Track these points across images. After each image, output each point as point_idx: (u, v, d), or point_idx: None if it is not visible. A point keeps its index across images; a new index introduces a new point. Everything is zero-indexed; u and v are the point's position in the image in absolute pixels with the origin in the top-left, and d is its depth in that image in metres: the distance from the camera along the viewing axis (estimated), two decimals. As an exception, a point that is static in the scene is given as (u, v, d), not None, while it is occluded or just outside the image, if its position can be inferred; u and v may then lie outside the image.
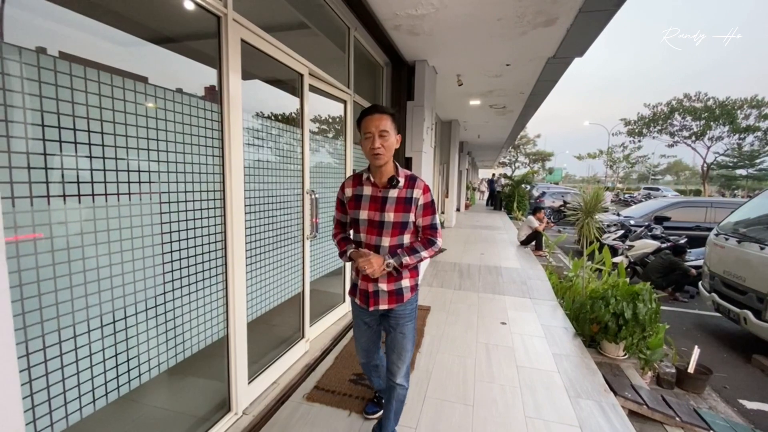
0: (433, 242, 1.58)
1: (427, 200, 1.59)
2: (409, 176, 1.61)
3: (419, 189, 1.57)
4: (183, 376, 1.96)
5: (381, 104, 1.60)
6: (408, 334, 1.71)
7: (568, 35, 3.60)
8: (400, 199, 1.57)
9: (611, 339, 3.05)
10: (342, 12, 3.14)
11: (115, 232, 1.35)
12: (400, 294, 1.66)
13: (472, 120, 9.46)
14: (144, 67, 1.61)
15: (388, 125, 1.52)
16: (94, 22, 1.42)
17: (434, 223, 1.59)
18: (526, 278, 5.11)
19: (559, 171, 51.70)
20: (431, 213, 1.59)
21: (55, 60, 1.16)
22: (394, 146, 1.57)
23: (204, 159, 1.76)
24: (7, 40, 1.05)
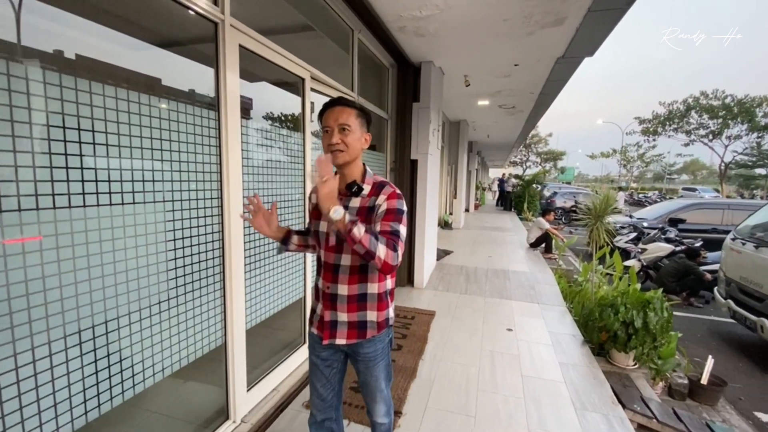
0: (395, 248, 1.18)
1: (392, 206, 1.25)
2: (377, 183, 1.32)
3: (384, 195, 1.27)
4: (181, 383, 1.96)
5: (346, 97, 1.34)
6: (380, 375, 1.42)
7: (577, 35, 3.50)
8: (363, 209, 1.29)
9: (620, 348, 2.96)
10: (345, 15, 3.11)
11: (109, 238, 1.34)
12: (363, 328, 1.35)
13: (481, 120, 9.35)
14: (152, 70, 1.62)
15: (352, 120, 1.26)
16: (101, 27, 1.44)
17: (397, 230, 1.22)
18: (534, 282, 5.02)
19: (571, 170, 50.95)
20: (393, 219, 1.23)
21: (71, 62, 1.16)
22: (360, 146, 1.30)
23: (201, 163, 1.74)
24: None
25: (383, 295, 1.37)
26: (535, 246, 7.21)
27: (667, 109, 24.56)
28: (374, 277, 1.33)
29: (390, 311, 1.41)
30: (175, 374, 1.68)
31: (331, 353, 1.43)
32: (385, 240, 1.18)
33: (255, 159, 2.13)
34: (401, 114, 4.52)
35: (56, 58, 1.33)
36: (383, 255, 1.15)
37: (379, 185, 1.31)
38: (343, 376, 1.51)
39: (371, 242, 1.14)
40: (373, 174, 1.36)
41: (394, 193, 1.29)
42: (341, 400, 1.56)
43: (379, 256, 1.15)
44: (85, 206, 1.26)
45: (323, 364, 1.44)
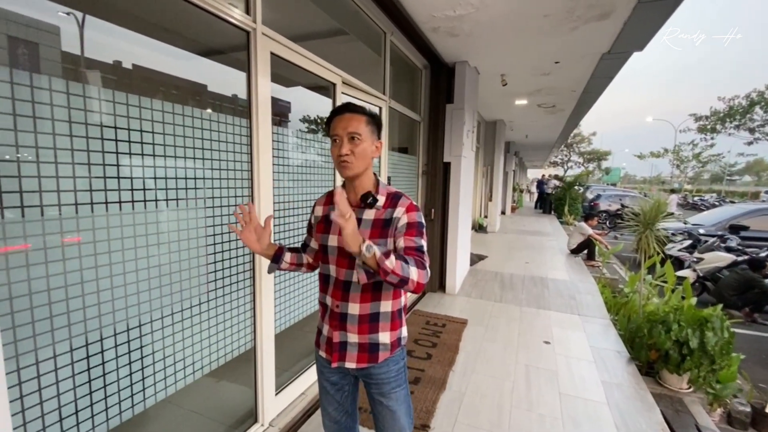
0: (423, 265, 1.11)
1: (413, 219, 1.17)
2: (392, 194, 1.24)
3: (402, 207, 1.19)
4: (212, 385, 2.00)
5: (354, 104, 1.22)
6: (399, 408, 1.28)
7: (625, 29, 3.26)
8: (378, 221, 1.20)
9: (673, 369, 2.71)
10: (377, 17, 3.08)
11: (143, 244, 1.38)
12: (375, 351, 1.24)
13: (519, 120, 9.03)
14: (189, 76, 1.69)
15: (362, 128, 1.17)
16: (141, 37, 1.51)
17: (420, 245, 1.15)
18: (575, 292, 4.74)
19: (617, 171, 48.12)
20: (416, 233, 1.16)
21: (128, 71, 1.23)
22: (371, 155, 1.21)
23: (233, 170, 1.77)
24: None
25: (397, 313, 1.28)
26: (577, 252, 6.83)
27: (728, 104, 22.51)
28: (388, 294, 1.24)
29: (403, 330, 1.30)
30: (206, 376, 1.71)
31: (342, 377, 1.34)
32: (413, 260, 1.10)
33: (286, 163, 2.14)
34: (434, 116, 4.43)
35: (112, 67, 1.41)
36: (416, 277, 1.07)
37: (394, 196, 1.23)
38: (356, 396, 1.41)
39: (404, 269, 1.05)
40: (386, 184, 1.28)
41: (412, 205, 1.20)
42: (357, 420, 1.46)
43: (412, 279, 1.06)
44: (121, 210, 1.30)
45: (333, 389, 1.35)
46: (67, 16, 1.30)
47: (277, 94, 2.07)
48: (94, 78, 1.41)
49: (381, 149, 1.26)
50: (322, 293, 1.33)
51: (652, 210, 3.39)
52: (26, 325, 1.07)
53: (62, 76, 1.16)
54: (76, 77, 1.20)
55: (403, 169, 4.12)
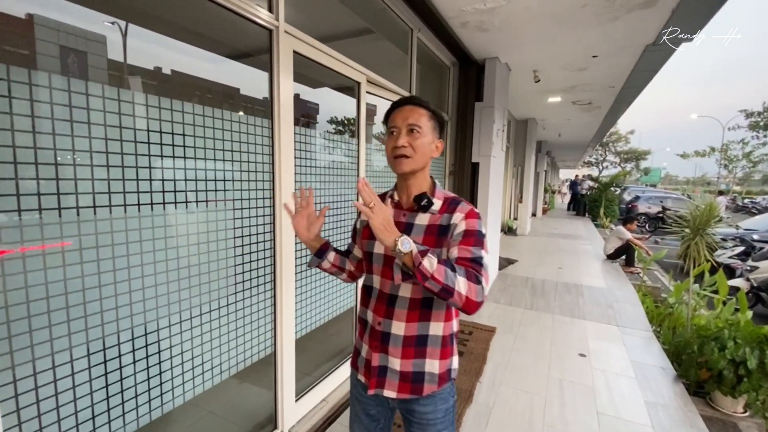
0: (478, 279, 0.92)
1: (472, 227, 1.00)
2: (450, 198, 1.08)
3: (461, 213, 1.03)
4: (233, 390, 1.98)
5: (418, 97, 1.11)
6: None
7: (673, 17, 3.01)
8: (433, 228, 1.04)
9: (727, 391, 2.45)
10: (404, 13, 2.99)
11: (161, 243, 1.36)
12: (419, 381, 1.05)
13: (552, 118, 8.66)
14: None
15: (423, 121, 1.05)
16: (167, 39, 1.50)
17: (479, 256, 0.97)
18: (612, 300, 4.45)
19: (657, 171, 45.58)
20: (474, 243, 0.98)
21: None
22: (430, 153, 1.08)
23: (254, 171, 1.74)
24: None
25: (449, 338, 1.09)
26: (614, 258, 6.45)
27: (785, 99, 20.77)
28: (440, 314, 1.06)
29: (454, 360, 1.11)
30: (226, 380, 1.69)
31: (379, 408, 1.16)
32: (464, 270, 0.92)
33: (309, 164, 2.09)
34: (462, 114, 4.29)
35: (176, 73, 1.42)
36: (464, 290, 0.89)
37: (452, 201, 1.07)
38: (390, 430, 1.24)
39: (447, 276, 0.88)
40: (443, 188, 1.14)
41: (472, 211, 1.04)
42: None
43: (459, 291, 0.89)
44: (139, 212, 1.28)
45: (368, 419, 1.18)
46: (112, 25, 1.34)
47: (303, 95, 2.05)
48: (133, 82, 1.41)
49: (441, 149, 1.11)
50: (362, 307, 1.17)
51: (704, 214, 3.10)
52: (38, 328, 1.06)
53: (103, 80, 1.15)
54: (108, 81, 1.19)
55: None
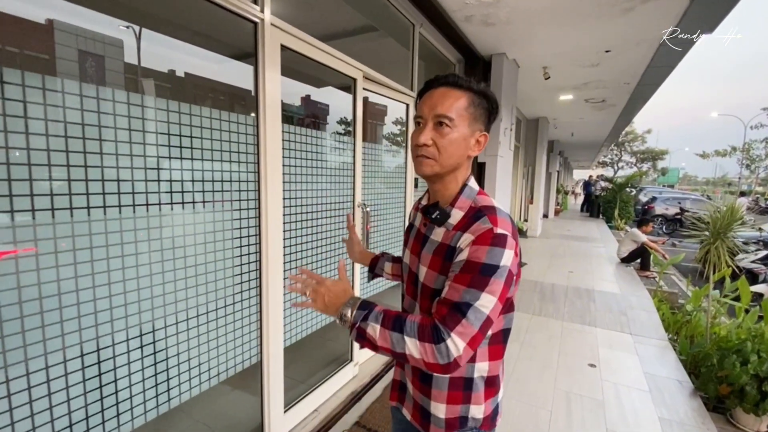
0: (439, 337, 0.72)
1: (475, 258, 0.75)
2: (475, 209, 0.83)
3: (472, 234, 0.78)
4: (216, 401, 1.90)
5: (457, 75, 0.85)
6: None
7: (692, 6, 2.82)
8: (442, 248, 0.84)
9: (749, 408, 2.27)
10: (405, 8, 2.87)
11: (142, 246, 1.28)
12: (426, 418, 0.92)
13: (564, 117, 8.42)
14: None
15: (458, 109, 0.82)
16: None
17: (466, 302, 0.73)
18: (626, 307, 4.25)
19: (675, 171, 44.38)
20: (468, 283, 0.74)
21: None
22: (465, 151, 0.85)
23: (236, 169, 1.65)
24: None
25: (460, 381, 0.87)
26: (628, 261, 6.21)
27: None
28: None
29: (472, 409, 0.88)
30: (211, 390, 1.61)
31: (409, 426, 0.99)
32: (415, 327, 0.75)
33: (299, 163, 1.99)
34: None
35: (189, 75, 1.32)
36: (417, 354, 0.73)
37: (475, 214, 0.82)
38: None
39: (392, 341, 0.75)
40: (477, 191, 0.88)
41: (488, 233, 0.76)
42: None
43: (412, 356, 0.73)
44: (120, 215, 1.20)
45: (398, 427, 1.07)
46: (126, 29, 1.36)
47: (300, 94, 1.97)
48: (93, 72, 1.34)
49: (484, 145, 0.88)
50: None
51: (725, 216, 2.90)
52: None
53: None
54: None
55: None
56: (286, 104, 1.91)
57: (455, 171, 0.87)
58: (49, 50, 1.19)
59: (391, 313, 0.79)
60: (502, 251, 0.75)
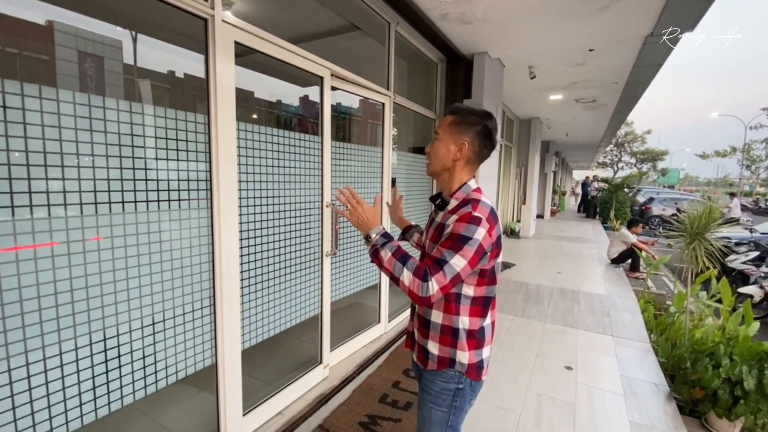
0: (425, 277, 1.02)
1: (455, 230, 1.06)
2: (465, 200, 1.15)
3: (457, 215, 1.09)
4: (169, 406, 1.87)
5: (462, 104, 1.25)
6: (428, 425, 1.22)
7: (669, 4, 2.78)
8: (439, 225, 1.18)
9: (722, 413, 2.22)
10: (378, 6, 2.84)
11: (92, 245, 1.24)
12: (425, 356, 1.22)
13: (556, 117, 8.38)
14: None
15: (444, 127, 1.20)
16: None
17: (444, 259, 1.03)
18: (610, 308, 4.20)
19: (675, 172, 44.17)
20: (448, 246, 1.05)
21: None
22: (446, 154, 1.18)
23: (184, 168, 1.62)
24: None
25: (448, 329, 1.16)
26: (618, 262, 6.16)
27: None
28: (440, 304, 1.17)
29: (459, 353, 1.16)
30: (167, 393, 1.58)
31: (417, 370, 1.34)
32: (415, 266, 1.06)
33: (256, 165, 1.96)
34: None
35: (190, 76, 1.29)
36: (407, 281, 1.04)
37: (463, 203, 1.14)
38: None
39: (395, 267, 1.07)
40: (473, 189, 1.19)
41: (467, 215, 1.08)
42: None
43: (402, 281, 1.05)
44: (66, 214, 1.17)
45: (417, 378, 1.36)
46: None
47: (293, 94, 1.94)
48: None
49: (464, 150, 1.17)
50: None
51: (702, 217, 2.86)
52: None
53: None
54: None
55: (416, 171, 3.85)
56: (285, 104, 1.88)
57: (449, 171, 1.21)
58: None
59: (401, 250, 1.12)
60: (476, 228, 1.06)
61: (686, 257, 2.89)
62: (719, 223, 2.93)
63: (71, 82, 1.75)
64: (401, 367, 2.80)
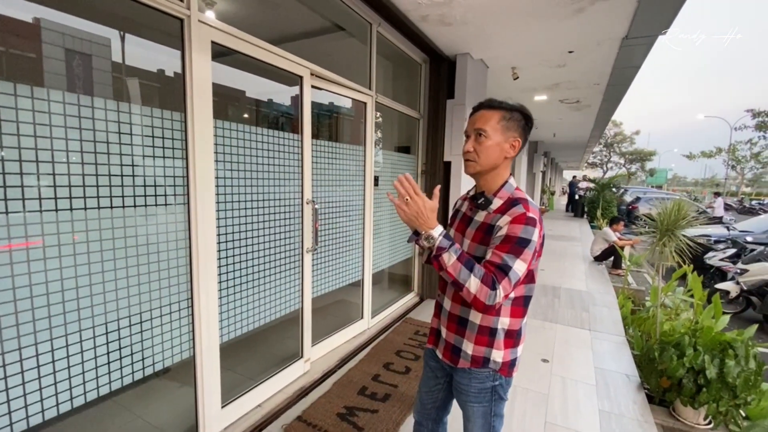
0: (494, 284, 1.00)
1: (512, 233, 1.05)
2: (511, 199, 1.14)
3: (509, 216, 1.07)
4: (147, 399, 1.91)
5: (495, 99, 1.18)
6: (474, 419, 1.24)
7: (641, 6, 2.88)
8: (484, 225, 1.15)
9: (687, 401, 2.31)
10: (359, 7, 2.89)
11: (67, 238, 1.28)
12: (456, 354, 1.22)
13: (543, 117, 8.49)
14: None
15: (492, 124, 1.13)
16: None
17: (507, 264, 1.02)
18: (589, 304, 4.31)
19: (663, 172, 44.86)
20: (507, 250, 1.04)
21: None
22: (501, 154, 1.15)
23: (160, 164, 1.66)
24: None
25: (487, 329, 1.17)
26: (601, 259, 6.29)
27: (793, 98, 20.31)
28: None
29: (494, 353, 1.17)
30: (140, 390, 1.61)
31: (438, 364, 1.35)
32: (482, 273, 1.02)
33: (234, 163, 2.00)
34: (434, 113, 4.18)
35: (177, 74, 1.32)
36: (474, 290, 1.00)
37: (511, 202, 1.12)
38: (449, 395, 1.39)
39: (461, 273, 1.02)
40: (515, 188, 1.19)
41: (522, 216, 1.06)
42: (442, 417, 1.45)
43: (468, 289, 1.01)
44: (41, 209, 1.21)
45: (430, 373, 1.39)
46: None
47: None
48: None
49: (518, 147, 1.17)
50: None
51: (671, 213, 2.96)
52: None
53: None
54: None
55: (401, 170, 3.91)
56: (268, 103, 1.92)
57: (495, 169, 1.17)
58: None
59: (465, 254, 1.06)
60: (533, 230, 1.05)
61: (657, 253, 2.98)
62: (699, 222, 3.03)
63: (49, 80, 1.78)
64: (382, 361, 2.86)
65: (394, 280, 4.45)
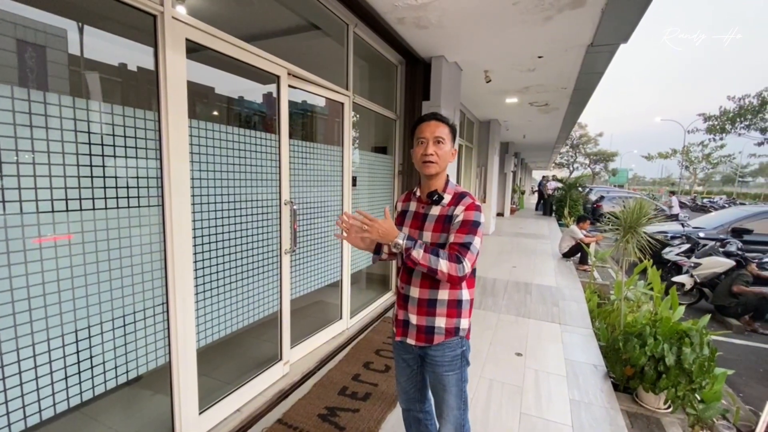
0: (459, 259, 1.25)
1: (468, 218, 1.31)
2: (458, 193, 1.40)
3: (462, 206, 1.34)
4: (121, 405, 1.84)
5: (440, 113, 1.43)
6: (450, 388, 1.42)
7: (604, 17, 3.04)
8: (442, 217, 1.38)
9: (648, 388, 2.47)
10: (336, 8, 2.89)
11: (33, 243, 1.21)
12: (431, 333, 1.40)
13: (514, 119, 8.78)
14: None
15: (446, 133, 1.38)
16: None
17: (468, 242, 1.28)
18: (559, 298, 4.50)
19: (624, 172, 47.29)
20: (467, 232, 1.30)
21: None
22: (449, 159, 1.41)
23: (133, 165, 1.60)
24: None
25: (455, 302, 1.39)
26: (569, 256, 6.57)
27: (738, 104, 21.94)
28: (446, 284, 1.37)
29: (462, 321, 1.41)
30: (112, 400, 1.55)
31: (407, 353, 1.51)
32: (446, 254, 1.27)
33: (211, 163, 1.96)
34: (410, 114, 4.23)
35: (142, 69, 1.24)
36: (446, 269, 1.25)
37: (459, 196, 1.39)
38: (425, 376, 1.54)
39: (431, 260, 1.26)
40: (455, 185, 1.44)
41: (472, 204, 1.34)
42: (425, 396, 1.60)
43: (441, 270, 1.25)
44: None
45: (403, 363, 1.54)
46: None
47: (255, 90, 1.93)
48: None
49: (455, 154, 1.44)
50: (397, 278, 1.53)
51: (633, 212, 3.15)
52: None
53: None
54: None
55: (379, 170, 3.94)
56: (245, 101, 1.89)
57: (444, 171, 1.42)
58: None
59: (428, 246, 1.30)
60: (480, 214, 1.35)
61: (620, 249, 3.16)
62: (658, 219, 3.24)
63: (9, 74, 1.68)
64: (362, 361, 2.88)
65: (372, 280, 4.48)
